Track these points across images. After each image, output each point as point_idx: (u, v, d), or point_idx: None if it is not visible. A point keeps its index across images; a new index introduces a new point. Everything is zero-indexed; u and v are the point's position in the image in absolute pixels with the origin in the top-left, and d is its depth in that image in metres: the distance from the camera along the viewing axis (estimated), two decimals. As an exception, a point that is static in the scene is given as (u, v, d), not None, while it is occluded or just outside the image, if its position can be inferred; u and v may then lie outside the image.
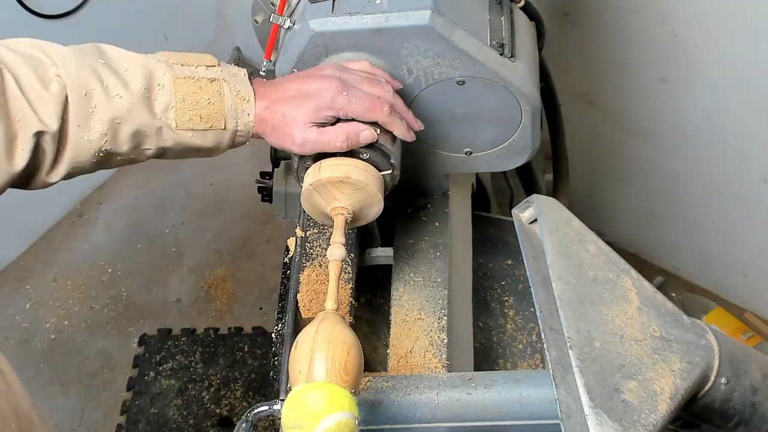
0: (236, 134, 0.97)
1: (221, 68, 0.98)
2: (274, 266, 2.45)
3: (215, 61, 0.98)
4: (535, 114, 1.06)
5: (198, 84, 0.95)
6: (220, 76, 0.96)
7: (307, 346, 0.81)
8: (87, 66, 0.91)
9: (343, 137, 0.93)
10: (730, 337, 0.75)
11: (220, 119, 0.95)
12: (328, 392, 0.77)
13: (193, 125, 0.95)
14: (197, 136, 0.96)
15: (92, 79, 0.91)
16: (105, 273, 2.50)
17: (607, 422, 0.63)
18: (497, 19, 1.07)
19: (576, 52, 1.92)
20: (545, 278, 0.72)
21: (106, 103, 0.91)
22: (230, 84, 0.96)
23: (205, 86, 0.95)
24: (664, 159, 2.02)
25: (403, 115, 0.97)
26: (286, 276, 1.16)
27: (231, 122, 0.96)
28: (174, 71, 0.95)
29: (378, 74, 0.98)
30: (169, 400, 2.21)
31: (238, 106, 0.96)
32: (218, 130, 0.96)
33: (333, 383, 0.78)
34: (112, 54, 0.94)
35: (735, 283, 2.18)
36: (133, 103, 0.92)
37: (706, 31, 1.69)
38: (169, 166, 2.76)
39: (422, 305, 1.09)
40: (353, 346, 0.81)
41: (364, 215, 0.98)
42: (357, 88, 0.94)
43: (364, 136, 0.93)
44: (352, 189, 0.94)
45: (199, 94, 0.94)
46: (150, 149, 0.97)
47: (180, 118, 0.94)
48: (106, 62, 0.93)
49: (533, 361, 1.26)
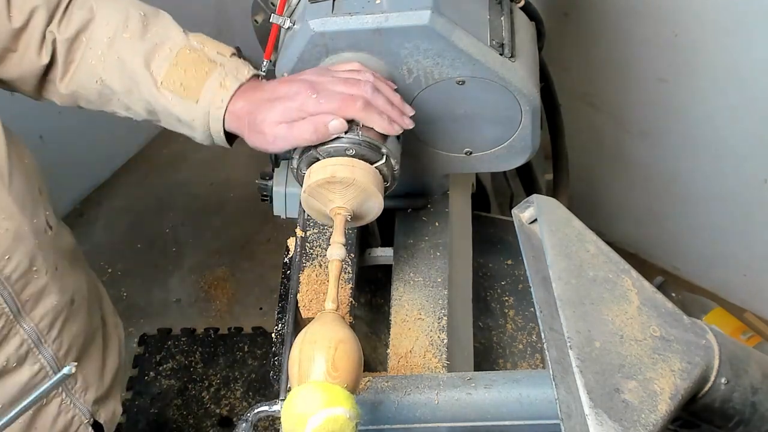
0: (208, 117, 1.01)
1: (230, 58, 1.04)
2: (274, 266, 2.45)
3: (230, 51, 1.05)
4: (535, 114, 1.06)
5: (197, 58, 1.02)
6: (220, 61, 1.02)
7: (296, 348, 0.81)
8: (124, 9, 1.04)
9: (312, 129, 0.93)
10: (730, 337, 0.75)
11: (196, 94, 1.01)
12: (313, 391, 0.77)
13: (174, 89, 1.01)
14: (175, 101, 1.02)
15: (120, 18, 1.03)
16: (105, 273, 2.50)
17: (607, 422, 0.63)
18: (497, 19, 1.07)
19: (576, 52, 1.92)
20: (545, 278, 0.72)
21: (117, 39, 1.03)
22: (224, 70, 1.01)
23: (201, 62, 1.02)
24: (664, 159, 2.02)
25: (384, 111, 0.96)
26: (286, 276, 1.16)
27: (204, 101, 1.00)
28: (188, 43, 1.04)
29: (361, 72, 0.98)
30: (169, 400, 2.22)
31: (216, 90, 1.00)
32: (192, 103, 1.01)
33: (322, 381, 0.78)
34: (161, 17, 1.06)
35: (735, 283, 2.18)
36: (135, 50, 1.02)
37: (706, 31, 1.69)
38: (169, 166, 2.76)
39: (422, 305, 1.09)
40: (342, 342, 0.81)
41: (365, 212, 0.98)
42: (329, 90, 0.95)
43: (333, 125, 0.93)
44: (343, 187, 0.94)
45: (191, 66, 1.02)
46: (140, 100, 1.04)
47: (166, 78, 1.01)
48: (146, 15, 1.05)
49: (533, 361, 1.27)
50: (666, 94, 1.86)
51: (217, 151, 1.19)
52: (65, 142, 2.38)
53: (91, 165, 2.68)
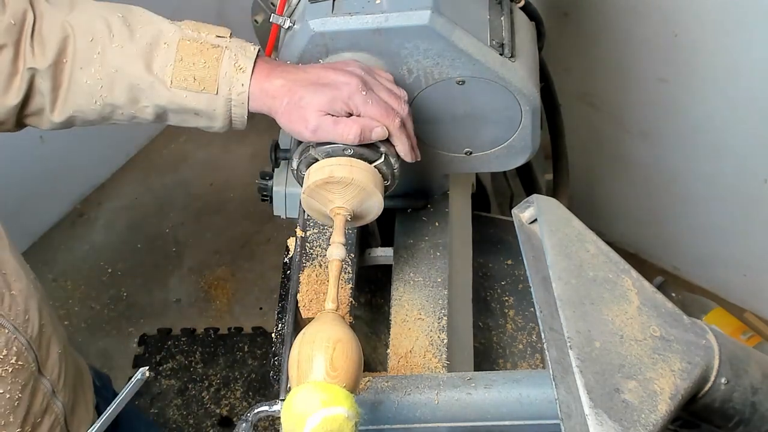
0: (230, 103, 0.98)
1: (231, 39, 1.00)
2: (274, 266, 2.45)
3: (227, 33, 1.01)
4: (535, 114, 1.06)
5: (200, 48, 0.98)
6: (224, 44, 0.98)
7: (296, 348, 0.81)
8: (101, 16, 0.98)
9: (358, 130, 0.93)
10: (730, 337, 0.75)
11: (213, 84, 0.97)
12: (312, 392, 0.77)
13: (188, 85, 0.97)
14: (191, 97, 0.98)
15: (102, 28, 0.97)
16: (105, 273, 2.50)
17: (607, 422, 0.63)
18: (497, 19, 1.07)
19: (576, 52, 1.92)
20: (545, 278, 0.72)
21: (107, 51, 0.97)
22: (232, 53, 0.98)
23: (206, 50, 0.98)
24: (664, 159, 2.02)
25: (410, 136, 0.97)
26: (286, 276, 1.16)
27: (224, 89, 0.97)
28: (183, 33, 0.99)
29: (400, 91, 0.98)
30: (169, 400, 2.22)
31: (233, 74, 0.97)
32: (211, 95, 0.97)
33: (321, 381, 0.78)
34: (138, 13, 1.00)
35: (735, 283, 2.18)
36: (131, 57, 0.97)
37: (706, 31, 1.69)
38: (169, 166, 2.76)
39: (422, 305, 1.09)
40: (340, 341, 0.81)
41: (365, 212, 0.98)
42: (376, 93, 0.94)
43: (377, 132, 0.93)
44: (342, 187, 0.94)
45: (198, 57, 0.97)
46: (148, 106, 0.99)
47: (176, 76, 0.97)
48: (124, 16, 0.98)
49: (533, 361, 1.27)
50: (666, 94, 1.86)
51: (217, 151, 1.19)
52: (65, 143, 2.38)
53: (91, 165, 2.68)
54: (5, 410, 0.93)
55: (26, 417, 0.97)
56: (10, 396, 0.93)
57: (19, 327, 0.95)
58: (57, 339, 1.04)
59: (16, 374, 0.94)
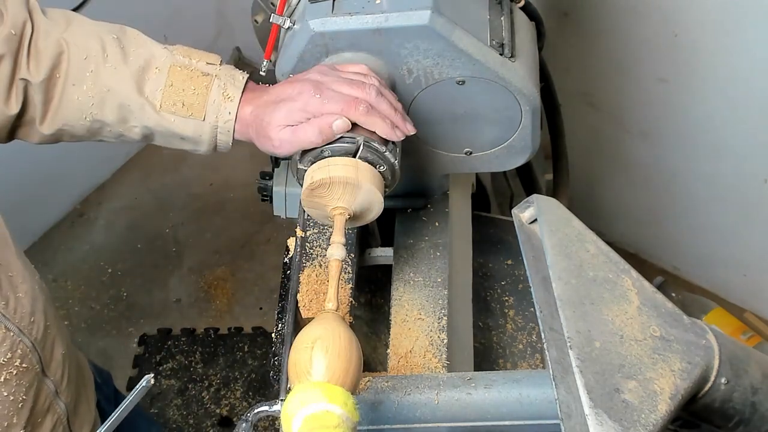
0: (216, 130, 1.00)
1: (221, 67, 1.02)
2: (274, 266, 2.46)
3: (218, 60, 1.03)
4: (535, 114, 1.06)
5: (191, 74, 1.00)
6: (214, 72, 1.01)
7: (295, 348, 0.82)
8: (96, 35, 1.00)
9: (317, 131, 0.93)
10: (730, 337, 0.75)
11: (201, 110, 1.00)
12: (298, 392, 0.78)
13: (176, 110, 1.00)
14: (178, 122, 1.00)
15: (96, 47, 0.99)
16: (105, 273, 2.50)
17: (607, 422, 0.63)
18: (497, 19, 1.07)
19: (576, 52, 1.92)
20: (545, 278, 0.72)
21: (101, 70, 0.99)
22: (221, 82, 1.00)
23: (196, 77, 1.00)
24: (664, 159, 2.02)
25: (388, 116, 0.96)
26: (286, 276, 1.16)
27: (211, 116, 1.00)
28: (174, 59, 1.01)
29: (367, 76, 0.97)
30: (169, 400, 2.22)
31: (221, 103, 0.99)
32: (198, 121, 1.00)
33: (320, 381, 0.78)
34: (132, 35, 1.03)
35: (735, 283, 2.18)
36: (124, 78, 0.99)
37: (706, 31, 1.69)
38: (169, 166, 2.76)
39: (422, 305, 1.09)
40: (339, 341, 0.81)
41: (365, 212, 0.98)
42: (333, 90, 0.94)
43: (337, 125, 0.93)
44: (342, 187, 0.94)
45: (188, 83, 1.00)
46: (136, 126, 1.02)
47: (165, 101, 0.99)
48: (119, 38, 1.01)
49: (533, 361, 1.27)
50: (666, 94, 1.86)
51: (217, 151, 1.20)
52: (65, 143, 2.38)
53: (91, 165, 2.68)
54: (9, 412, 0.93)
55: (30, 418, 0.97)
56: (14, 398, 0.94)
57: (24, 329, 0.95)
58: (61, 340, 1.05)
59: (20, 376, 0.94)
